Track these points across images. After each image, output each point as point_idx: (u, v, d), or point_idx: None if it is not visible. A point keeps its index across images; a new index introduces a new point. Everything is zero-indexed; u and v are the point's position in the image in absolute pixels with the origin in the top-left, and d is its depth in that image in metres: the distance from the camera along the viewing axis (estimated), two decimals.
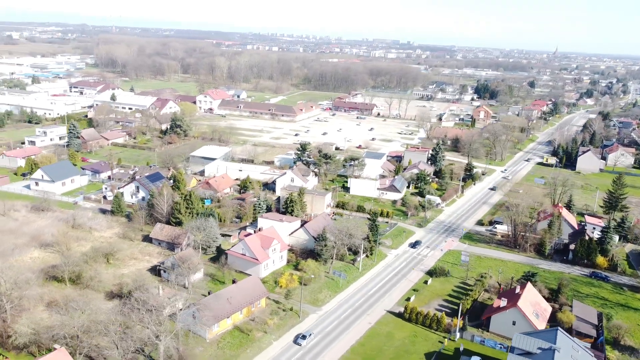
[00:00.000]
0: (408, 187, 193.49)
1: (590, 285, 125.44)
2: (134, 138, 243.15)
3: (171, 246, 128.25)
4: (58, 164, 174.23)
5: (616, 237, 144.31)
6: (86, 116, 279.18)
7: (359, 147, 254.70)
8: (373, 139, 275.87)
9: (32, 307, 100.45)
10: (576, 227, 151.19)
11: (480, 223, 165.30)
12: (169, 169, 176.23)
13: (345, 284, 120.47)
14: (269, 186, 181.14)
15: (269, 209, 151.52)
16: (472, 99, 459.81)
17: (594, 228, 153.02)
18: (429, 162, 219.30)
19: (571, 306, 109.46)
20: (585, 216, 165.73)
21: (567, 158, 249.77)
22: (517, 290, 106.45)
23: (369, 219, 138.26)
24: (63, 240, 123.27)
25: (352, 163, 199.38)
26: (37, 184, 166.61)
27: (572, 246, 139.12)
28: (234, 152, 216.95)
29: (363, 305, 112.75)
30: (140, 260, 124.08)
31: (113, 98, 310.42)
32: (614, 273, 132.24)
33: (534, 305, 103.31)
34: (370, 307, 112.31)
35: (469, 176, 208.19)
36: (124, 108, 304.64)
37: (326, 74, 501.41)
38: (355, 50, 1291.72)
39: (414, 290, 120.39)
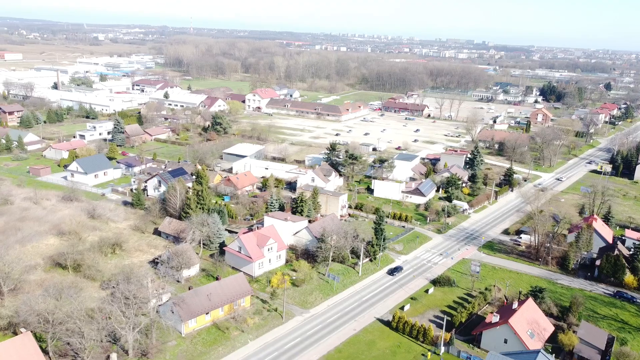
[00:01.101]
0: (438, 191, 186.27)
1: (612, 306, 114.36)
2: (177, 134, 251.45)
3: (177, 240, 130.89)
4: (93, 157, 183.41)
5: None
6: (139, 113, 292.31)
7: (398, 148, 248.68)
8: (415, 141, 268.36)
9: (32, 290, 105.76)
10: (610, 241, 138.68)
11: (506, 232, 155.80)
12: (195, 165, 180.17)
13: (340, 288, 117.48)
14: (292, 185, 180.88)
15: (281, 208, 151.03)
16: (536, 101, 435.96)
17: (634, 243, 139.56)
18: (467, 166, 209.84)
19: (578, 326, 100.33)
20: (627, 230, 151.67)
21: (625, 166, 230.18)
22: (515, 305, 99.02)
23: (374, 221, 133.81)
24: (75, 229, 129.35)
25: (380, 165, 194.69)
26: (72, 175, 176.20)
27: (598, 262, 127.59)
28: (266, 151, 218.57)
29: (353, 311, 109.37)
30: (144, 253, 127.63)
31: (166, 96, 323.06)
32: None
33: (530, 323, 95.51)
34: (361, 313, 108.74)
35: (507, 182, 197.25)
36: (175, 105, 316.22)
37: (383, 74, 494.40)
38: (425, 50, 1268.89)
39: (412, 298, 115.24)
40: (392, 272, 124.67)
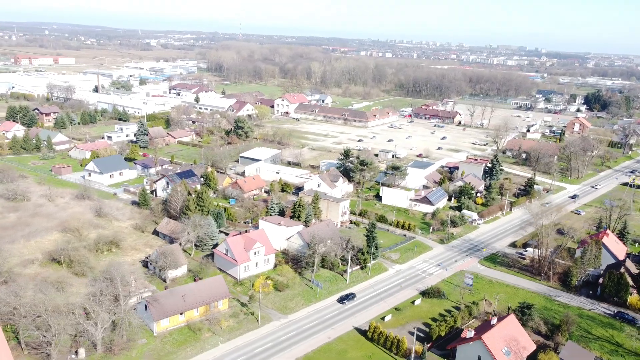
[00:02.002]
0: (450, 200, 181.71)
1: (609, 327, 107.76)
2: (201, 137, 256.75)
3: (172, 240, 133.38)
4: (109, 157, 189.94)
5: None
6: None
7: (419, 155, 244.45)
8: (439, 148, 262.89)
9: (24, 283, 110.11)
10: (621, 257, 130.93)
11: (513, 245, 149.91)
12: (206, 168, 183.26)
13: (325, 295, 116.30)
14: (302, 190, 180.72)
15: (282, 212, 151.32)
16: (578, 110, 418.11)
17: None
18: (485, 175, 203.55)
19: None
20: None
21: None
22: (493, 321, 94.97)
23: (367, 229, 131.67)
24: (77, 227, 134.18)
25: (393, 172, 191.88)
26: (89, 174, 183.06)
27: (601, 279, 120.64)
28: (282, 155, 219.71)
29: (333, 319, 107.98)
30: (139, 252, 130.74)
31: (197, 99, 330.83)
32: None
33: (507, 340, 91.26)
34: (340, 321, 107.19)
35: (526, 192, 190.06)
36: (205, 109, 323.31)
37: (419, 80, 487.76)
38: (473, 57, 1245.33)
39: (396, 309, 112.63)
40: (342, 299, 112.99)
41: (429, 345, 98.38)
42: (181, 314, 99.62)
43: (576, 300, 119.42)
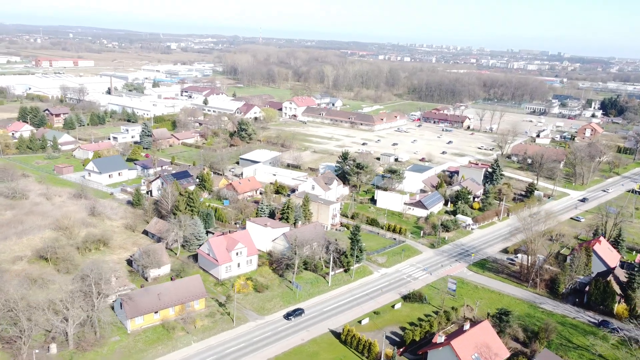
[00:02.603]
0: (446, 204, 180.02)
1: (592, 336, 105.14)
2: (205, 139, 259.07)
3: (160, 240, 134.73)
4: (109, 158, 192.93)
5: None
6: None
7: (422, 159, 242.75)
8: (443, 153, 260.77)
9: (10, 279, 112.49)
10: (613, 265, 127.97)
11: (505, 251, 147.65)
12: (203, 169, 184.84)
13: (305, 297, 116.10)
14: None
15: (272, 214, 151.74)
16: (593, 115, 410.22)
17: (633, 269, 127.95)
18: (486, 180, 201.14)
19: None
20: (639, 255, 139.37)
21: None
22: (466, 327, 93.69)
23: (351, 232, 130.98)
24: (67, 225, 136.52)
25: (390, 175, 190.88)
26: (89, 174, 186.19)
27: (587, 287, 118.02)
28: (282, 158, 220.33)
29: (310, 321, 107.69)
30: (127, 250, 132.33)
31: (205, 102, 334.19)
32: (637, 326, 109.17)
33: (479, 347, 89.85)
34: (317, 323, 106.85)
35: (525, 198, 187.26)
36: (213, 111, 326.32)
37: (432, 84, 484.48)
38: (492, 61, 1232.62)
39: (375, 312, 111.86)
40: (288, 315, 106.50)
41: (401, 349, 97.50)
42: (156, 312, 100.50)
43: (562, 307, 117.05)
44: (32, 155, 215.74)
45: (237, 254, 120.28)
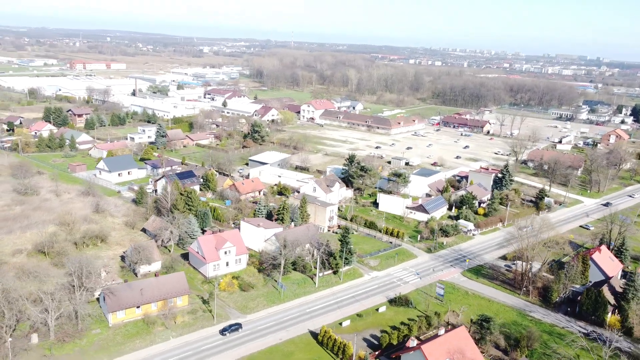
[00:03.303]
0: (450, 209, 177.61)
1: (578, 347, 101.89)
2: (220, 140, 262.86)
3: (155, 237, 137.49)
4: (120, 157, 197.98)
5: None
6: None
7: (434, 164, 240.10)
8: (457, 157, 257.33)
9: (8, 270, 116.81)
10: (611, 274, 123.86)
11: (504, 258, 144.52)
12: (209, 169, 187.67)
13: (290, 297, 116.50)
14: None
15: (269, 214, 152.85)
16: (622, 122, 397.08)
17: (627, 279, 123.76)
18: (496, 185, 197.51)
19: None
20: None
21: None
22: (441, 332, 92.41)
23: (341, 234, 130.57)
24: (70, 221, 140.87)
25: (395, 179, 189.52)
26: (100, 172, 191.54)
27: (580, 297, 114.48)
28: (291, 160, 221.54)
29: (292, 321, 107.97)
30: (124, 247, 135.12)
31: (224, 104, 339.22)
32: (628, 337, 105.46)
33: (451, 352, 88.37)
34: (297, 324, 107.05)
35: (534, 204, 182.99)
36: (232, 114, 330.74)
37: (456, 88, 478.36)
38: (526, 66, 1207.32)
39: (358, 315, 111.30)
40: (223, 331, 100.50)
41: (377, 352, 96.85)
42: (138, 307, 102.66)
43: (552, 317, 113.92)
44: (51, 154, 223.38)
45: (225, 252, 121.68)
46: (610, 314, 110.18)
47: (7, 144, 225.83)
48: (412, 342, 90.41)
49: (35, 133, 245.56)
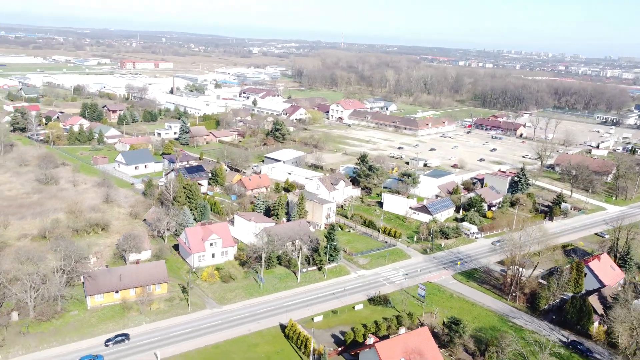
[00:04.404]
0: (458, 211, 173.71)
1: (555, 357, 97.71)
2: (243, 137, 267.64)
3: (152, 227, 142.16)
4: (137, 151, 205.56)
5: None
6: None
7: (454, 166, 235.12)
8: (481, 160, 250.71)
9: (11, 253, 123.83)
10: (608, 283, 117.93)
11: (501, 262, 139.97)
12: (220, 164, 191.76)
13: (270, 290, 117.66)
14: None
15: (267, 210, 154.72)
16: None
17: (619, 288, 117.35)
18: (512, 189, 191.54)
19: None
20: None
21: None
22: (401, 331, 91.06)
23: (327, 231, 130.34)
24: (76, 209, 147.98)
25: (403, 179, 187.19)
26: (118, 165, 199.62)
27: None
28: (306, 158, 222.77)
29: (265, 314, 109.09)
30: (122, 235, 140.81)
31: (254, 103, 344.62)
32: (612, 349, 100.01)
33: (408, 352, 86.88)
34: (270, 317, 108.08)
35: (549, 209, 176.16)
36: (262, 112, 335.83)
37: (496, 90, 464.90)
38: (584, 69, 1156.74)
39: (333, 312, 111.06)
40: (108, 341, 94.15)
41: (340, 349, 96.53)
42: (116, 292, 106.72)
43: (536, 324, 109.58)
44: (80, 147, 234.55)
45: (211, 244, 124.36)
46: (596, 323, 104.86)
47: (41, 137, 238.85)
48: (370, 340, 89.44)
49: (69, 127, 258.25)
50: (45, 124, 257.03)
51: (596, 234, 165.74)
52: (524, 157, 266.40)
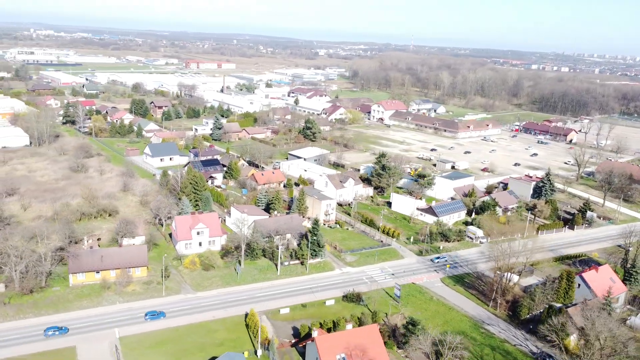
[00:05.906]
0: (470, 214, 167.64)
1: None
2: (276, 135, 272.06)
3: (156, 215, 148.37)
4: (164, 144, 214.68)
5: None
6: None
7: (484, 169, 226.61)
8: (516, 164, 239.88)
9: (20, 231, 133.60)
10: (598, 294, 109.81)
11: (499, 269, 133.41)
12: (238, 159, 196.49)
13: (248, 281, 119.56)
14: None
15: (268, 205, 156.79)
16: None
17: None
18: (535, 194, 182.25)
19: None
20: None
21: None
22: (349, 326, 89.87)
23: (312, 226, 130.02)
24: (90, 195, 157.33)
25: (418, 179, 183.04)
26: (146, 157, 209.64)
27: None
28: (328, 156, 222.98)
29: (235, 302, 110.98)
30: None
31: (296, 102, 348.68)
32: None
33: (350, 348, 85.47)
34: (239, 306, 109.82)
35: (570, 217, 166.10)
36: (302, 111, 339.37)
37: (556, 94, 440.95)
38: None
39: (303, 305, 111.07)
40: (47, 330, 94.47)
41: (294, 340, 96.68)
42: (98, 272, 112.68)
43: (511, 332, 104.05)
44: (119, 139, 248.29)
45: (198, 233, 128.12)
46: (574, 336, 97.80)
47: (86, 129, 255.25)
48: (314, 333, 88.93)
49: (115, 120, 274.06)
50: (89, 118, 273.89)
51: (618, 245, 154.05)
52: (565, 163, 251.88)
